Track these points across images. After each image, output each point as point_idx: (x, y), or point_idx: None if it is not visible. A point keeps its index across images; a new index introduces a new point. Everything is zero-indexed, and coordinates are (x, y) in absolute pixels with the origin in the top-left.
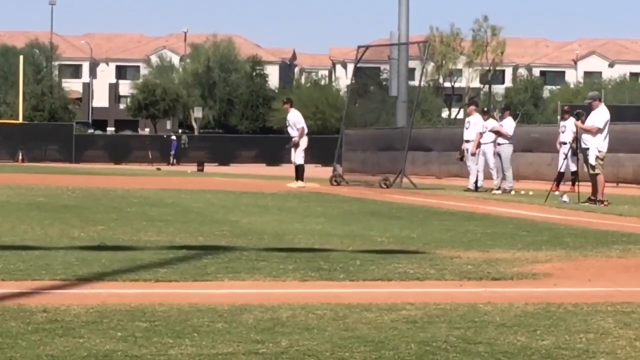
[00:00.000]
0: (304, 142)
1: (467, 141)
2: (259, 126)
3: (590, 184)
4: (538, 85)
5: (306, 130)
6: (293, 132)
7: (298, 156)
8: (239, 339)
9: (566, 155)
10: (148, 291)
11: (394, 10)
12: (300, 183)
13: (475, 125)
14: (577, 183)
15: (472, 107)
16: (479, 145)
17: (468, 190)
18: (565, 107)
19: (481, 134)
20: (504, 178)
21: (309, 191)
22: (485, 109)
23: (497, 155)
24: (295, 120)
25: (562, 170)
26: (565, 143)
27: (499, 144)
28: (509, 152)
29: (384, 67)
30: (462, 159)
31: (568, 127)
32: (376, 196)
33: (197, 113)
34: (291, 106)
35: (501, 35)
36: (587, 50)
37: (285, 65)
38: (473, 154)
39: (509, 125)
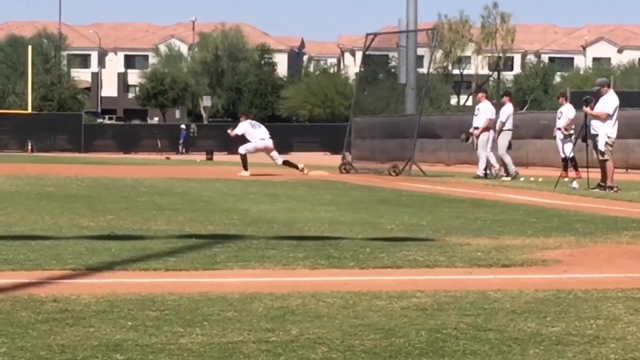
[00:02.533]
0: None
1: (476, 128)
2: (268, 114)
3: (599, 170)
4: (549, 72)
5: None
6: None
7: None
8: (249, 327)
9: (562, 141)
10: (158, 280)
11: None
12: (244, 172)
13: (484, 112)
14: (579, 168)
15: (481, 94)
16: (486, 129)
17: (477, 177)
18: (560, 92)
19: (490, 120)
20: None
21: (319, 179)
22: (503, 92)
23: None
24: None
25: (563, 155)
26: (560, 129)
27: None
28: (505, 140)
29: (393, 55)
30: (467, 139)
31: (564, 113)
32: (385, 184)
33: (206, 102)
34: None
35: (510, 22)
36: (595, 36)
37: (293, 54)
38: (477, 136)
39: (506, 111)
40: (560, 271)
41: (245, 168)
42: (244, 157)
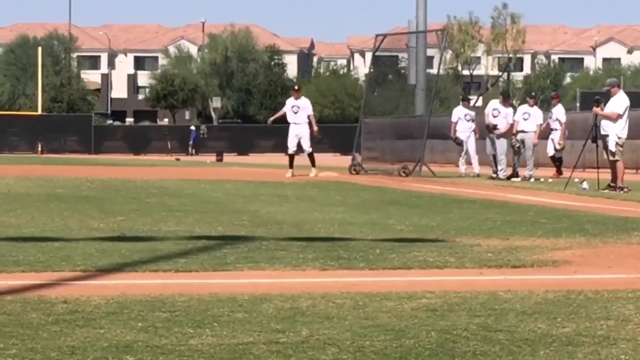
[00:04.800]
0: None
1: (496, 127)
2: None
3: (609, 170)
4: (560, 72)
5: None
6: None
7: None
8: (259, 328)
9: (553, 140)
10: (168, 281)
11: None
12: (315, 170)
13: (506, 116)
14: (562, 169)
15: (506, 99)
16: (514, 133)
17: (514, 177)
18: (553, 94)
19: (512, 123)
20: (524, 165)
21: (328, 180)
22: (533, 94)
23: (521, 142)
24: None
25: (557, 155)
26: (553, 129)
27: (523, 132)
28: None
29: (403, 56)
30: (518, 148)
31: (555, 114)
32: (395, 185)
33: (216, 103)
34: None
35: (520, 23)
36: (605, 36)
37: (303, 55)
38: (535, 144)
39: (538, 114)
40: (570, 272)
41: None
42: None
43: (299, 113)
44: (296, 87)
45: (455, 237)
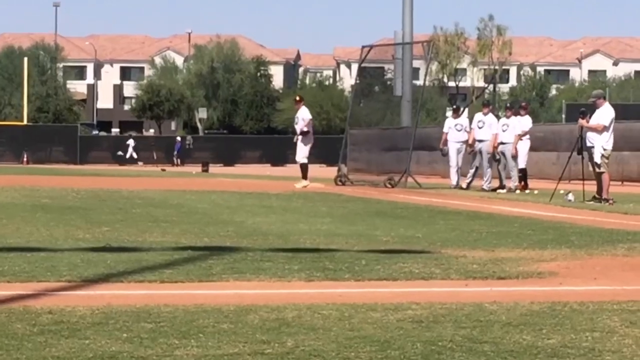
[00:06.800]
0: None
1: (480, 140)
2: (264, 127)
3: (595, 182)
4: (545, 84)
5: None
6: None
7: (301, 154)
8: (245, 339)
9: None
10: (153, 292)
11: (398, 9)
12: (303, 182)
13: (490, 126)
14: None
15: (488, 108)
16: (497, 145)
17: (499, 189)
18: (508, 104)
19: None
20: (508, 177)
21: (314, 191)
22: (523, 104)
23: (502, 154)
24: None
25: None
26: (504, 143)
27: (502, 144)
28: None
29: (389, 67)
30: (498, 160)
31: (511, 125)
32: (381, 196)
33: (202, 114)
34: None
35: (506, 35)
36: (591, 48)
37: (289, 66)
38: (515, 155)
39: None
40: (555, 283)
41: (306, 177)
42: (305, 165)
43: (298, 124)
44: (297, 98)
45: (441, 249)
